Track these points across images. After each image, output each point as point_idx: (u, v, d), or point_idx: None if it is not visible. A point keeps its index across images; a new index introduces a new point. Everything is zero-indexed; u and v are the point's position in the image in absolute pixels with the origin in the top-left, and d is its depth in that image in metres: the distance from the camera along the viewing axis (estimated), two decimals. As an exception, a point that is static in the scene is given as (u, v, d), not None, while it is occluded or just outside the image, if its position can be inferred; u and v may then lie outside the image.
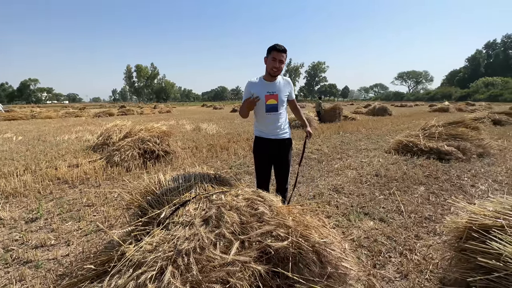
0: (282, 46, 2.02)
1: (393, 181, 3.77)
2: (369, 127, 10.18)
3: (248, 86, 2.14)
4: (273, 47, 2.02)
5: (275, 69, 2.05)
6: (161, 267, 1.18)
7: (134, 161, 4.59)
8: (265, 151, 2.24)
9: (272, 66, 2.03)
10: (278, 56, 2.00)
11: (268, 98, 2.12)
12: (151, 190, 1.97)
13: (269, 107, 2.14)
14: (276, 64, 2.02)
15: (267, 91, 2.11)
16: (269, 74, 2.09)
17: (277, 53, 2.00)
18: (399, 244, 2.20)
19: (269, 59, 2.05)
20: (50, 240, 2.30)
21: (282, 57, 2.02)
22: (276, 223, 1.46)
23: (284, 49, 2.02)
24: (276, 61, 2.02)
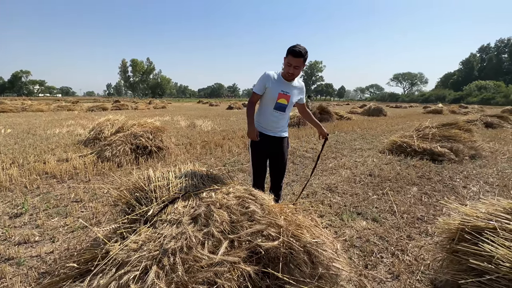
0: (300, 49, 1.88)
1: (387, 181, 3.77)
2: (364, 127, 10.23)
3: (265, 79, 2.07)
4: (291, 50, 1.90)
5: (290, 74, 2.00)
6: (145, 267, 1.13)
7: (125, 156, 4.49)
8: (263, 147, 2.19)
9: (287, 71, 1.98)
10: (294, 61, 1.92)
11: (281, 96, 2.08)
12: (139, 186, 1.91)
13: (278, 106, 2.11)
14: (291, 69, 1.96)
15: (282, 89, 2.07)
16: (285, 78, 2.06)
17: (293, 59, 1.91)
18: (391, 244, 2.19)
19: (285, 62, 1.97)
20: (34, 237, 2.22)
21: (299, 63, 1.93)
22: (267, 222, 1.42)
23: (301, 53, 1.88)
24: (292, 66, 1.94)
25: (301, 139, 7.17)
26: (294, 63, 1.92)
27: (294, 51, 1.88)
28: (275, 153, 2.26)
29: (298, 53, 1.88)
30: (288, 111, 2.21)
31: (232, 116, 15.01)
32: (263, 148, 2.20)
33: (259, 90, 2.09)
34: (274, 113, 2.13)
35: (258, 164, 2.26)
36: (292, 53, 1.89)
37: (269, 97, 2.09)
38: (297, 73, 2.01)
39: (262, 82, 2.07)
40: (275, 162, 2.30)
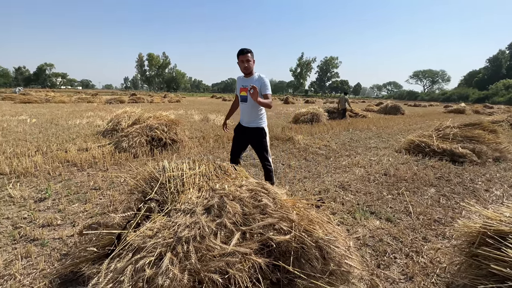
0: (244, 49, 2.43)
1: (402, 181, 3.66)
2: (380, 125, 9.93)
3: (236, 81, 2.74)
4: (239, 52, 2.46)
5: (244, 68, 2.49)
6: (160, 253, 1.17)
7: (141, 147, 4.62)
8: (238, 134, 2.75)
9: (242, 67, 2.50)
10: (242, 57, 2.44)
11: (242, 90, 2.58)
12: (155, 176, 1.96)
13: (242, 98, 2.62)
14: (244, 64, 2.46)
15: (242, 84, 2.59)
16: (243, 73, 2.57)
17: (242, 56, 2.43)
18: (406, 245, 2.14)
19: (238, 62, 2.50)
20: (56, 220, 2.35)
21: (247, 57, 2.43)
22: (279, 216, 1.42)
23: (245, 50, 2.42)
24: (244, 62, 2.45)
25: (314, 136, 7.08)
26: (243, 59, 2.44)
27: (240, 50, 2.45)
28: (251, 141, 2.74)
29: (243, 51, 2.43)
30: (253, 102, 2.49)
31: (245, 111, 15.01)
32: (237, 135, 2.77)
33: (235, 91, 2.73)
34: (242, 105, 2.65)
35: (232, 144, 2.84)
36: (239, 52, 2.45)
37: (237, 94, 2.68)
38: (249, 65, 2.47)
39: (236, 85, 2.70)
40: (254, 149, 2.78)
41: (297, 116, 10.13)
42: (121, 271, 1.13)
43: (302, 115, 9.96)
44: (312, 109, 10.27)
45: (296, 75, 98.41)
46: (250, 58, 2.44)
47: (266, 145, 2.71)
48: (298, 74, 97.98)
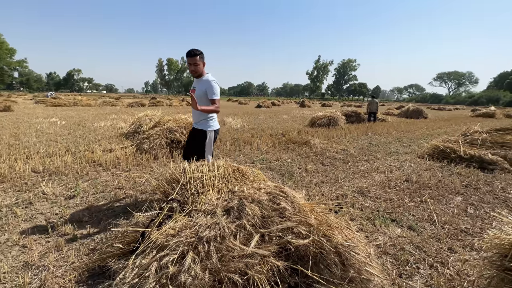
0: (192, 51, 2.37)
1: (426, 188, 3.50)
2: (401, 129, 9.57)
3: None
4: (187, 54, 2.39)
5: (192, 71, 2.49)
6: (182, 252, 1.21)
7: (161, 149, 4.79)
8: (190, 133, 2.82)
9: (190, 70, 2.49)
10: (190, 60, 2.41)
11: (191, 91, 2.51)
12: (176, 177, 2.03)
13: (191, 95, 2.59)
14: (191, 67, 2.45)
15: (193, 86, 2.63)
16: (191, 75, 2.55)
17: (190, 58, 2.39)
18: (430, 255, 2.04)
19: (187, 64, 2.47)
20: (84, 217, 2.50)
21: (195, 60, 2.40)
22: (298, 220, 1.42)
23: (193, 52, 2.38)
24: (191, 65, 2.43)
25: (331, 140, 6.96)
26: (191, 61, 2.41)
27: (188, 52, 2.39)
28: (194, 141, 2.73)
29: (190, 53, 2.38)
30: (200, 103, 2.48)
31: (260, 115, 15.10)
32: (190, 134, 2.83)
33: None
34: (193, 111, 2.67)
35: (186, 143, 2.90)
36: (187, 55, 2.41)
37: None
38: (197, 69, 2.46)
39: None
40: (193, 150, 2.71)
41: (313, 120, 10.02)
42: (146, 267, 1.18)
43: (319, 118, 9.84)
44: (329, 112, 10.12)
45: (313, 78, 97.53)
46: (198, 61, 2.42)
47: (203, 150, 2.66)
48: (314, 77, 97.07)
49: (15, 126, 8.13)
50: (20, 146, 5.25)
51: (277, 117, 14.10)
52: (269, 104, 25.97)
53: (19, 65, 59.87)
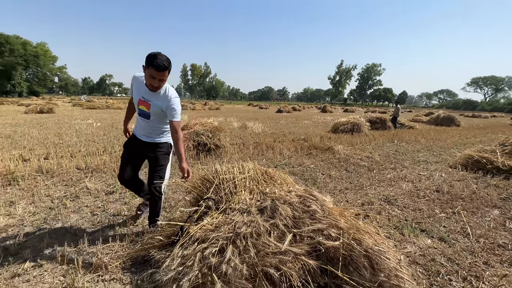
0: (163, 62, 1.72)
1: (458, 200, 3.34)
2: (431, 137, 9.12)
3: (132, 79, 2.01)
4: (152, 63, 1.69)
5: (154, 87, 1.84)
6: (222, 245, 1.33)
7: (189, 151, 5.03)
8: (130, 147, 2.19)
9: (150, 83, 1.80)
10: (158, 75, 1.75)
11: (141, 103, 1.97)
12: (209, 178, 2.17)
13: (141, 112, 2.04)
14: (155, 83, 1.80)
15: (143, 96, 1.94)
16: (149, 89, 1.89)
17: (156, 72, 1.73)
18: (463, 268, 1.98)
19: (146, 72, 1.76)
20: (123, 211, 2.73)
21: (163, 76, 1.78)
22: (328, 223, 1.48)
23: (165, 67, 1.74)
24: (156, 79, 1.77)
25: (355, 147, 6.84)
26: (158, 77, 1.76)
27: (158, 65, 1.70)
28: (148, 157, 2.17)
29: (161, 67, 1.72)
30: (157, 121, 2.06)
31: (281, 120, 15.15)
32: (129, 148, 2.20)
33: (130, 92, 2.10)
34: (140, 119, 2.09)
35: (122, 157, 2.24)
36: (156, 67, 1.70)
37: (134, 102, 2.06)
38: (162, 85, 1.87)
39: (131, 83, 2.04)
40: (150, 164, 2.19)
41: (336, 126, 9.88)
42: (190, 257, 1.31)
43: (342, 124, 9.69)
44: (353, 118, 9.92)
45: (335, 83, 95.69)
46: (166, 76, 1.83)
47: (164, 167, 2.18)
48: (336, 82, 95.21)
49: (58, 126, 8.95)
50: (64, 145, 5.80)
51: (298, 122, 14.06)
52: (290, 109, 25.94)
53: (59, 71, 65.65)
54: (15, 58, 47.00)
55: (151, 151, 2.14)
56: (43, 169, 3.90)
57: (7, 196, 2.96)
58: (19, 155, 4.61)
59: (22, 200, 2.90)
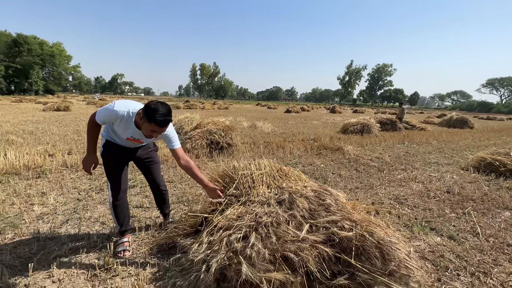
0: (166, 119, 1.58)
1: (469, 201, 3.38)
2: (442, 139, 9.01)
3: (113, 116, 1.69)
4: (154, 120, 1.54)
5: (149, 137, 1.72)
6: (245, 232, 1.46)
7: (202, 149, 5.21)
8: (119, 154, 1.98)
9: (151, 135, 1.67)
10: (160, 130, 1.63)
11: (130, 139, 1.86)
12: (227, 174, 2.32)
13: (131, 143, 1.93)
14: (156, 135, 1.67)
15: (132, 136, 1.80)
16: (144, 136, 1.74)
17: (159, 128, 1.60)
18: (471, 265, 2.05)
19: (146, 125, 1.61)
20: (145, 204, 2.91)
21: (163, 131, 1.66)
22: (342, 215, 1.59)
23: (168, 122, 1.61)
24: (157, 132, 1.65)
25: (364, 147, 6.87)
26: (160, 131, 1.64)
27: (160, 121, 1.56)
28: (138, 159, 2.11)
29: (164, 123, 1.58)
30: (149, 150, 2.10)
31: (290, 120, 15.21)
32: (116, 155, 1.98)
33: (101, 120, 1.75)
34: (128, 141, 1.89)
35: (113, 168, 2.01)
36: (159, 123, 1.57)
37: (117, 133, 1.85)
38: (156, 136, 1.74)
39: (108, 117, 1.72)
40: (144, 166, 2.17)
41: (345, 126, 9.90)
42: (216, 242, 1.46)
43: (352, 125, 9.69)
44: (363, 119, 9.91)
45: (344, 84, 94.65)
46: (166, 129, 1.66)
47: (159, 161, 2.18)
48: (346, 83, 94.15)
49: (75, 124, 9.33)
50: (83, 142, 6.08)
51: (307, 122, 14.10)
52: (298, 109, 25.92)
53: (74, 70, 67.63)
54: (33, 58, 48.80)
55: (144, 151, 2.08)
56: (67, 164, 4.15)
57: (39, 188, 3.20)
58: (44, 150, 4.90)
59: (52, 191, 3.13)
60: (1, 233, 2.19)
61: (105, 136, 1.96)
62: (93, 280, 1.70)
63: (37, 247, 2.02)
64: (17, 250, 1.97)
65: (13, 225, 2.32)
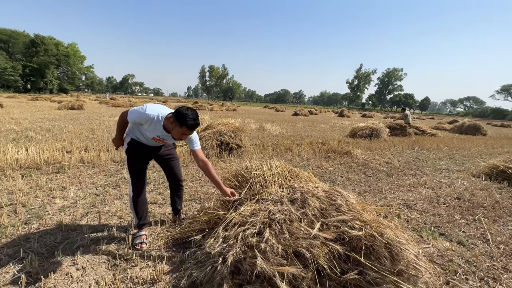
0: (196, 121, 1.79)
1: (480, 208, 3.35)
2: (453, 146, 8.87)
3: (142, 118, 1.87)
4: (186, 124, 1.75)
5: (179, 140, 1.95)
6: (259, 228, 1.54)
7: (212, 149, 5.33)
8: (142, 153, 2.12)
9: (181, 138, 1.89)
10: (190, 133, 1.85)
11: (155, 139, 2.01)
12: (240, 173, 2.40)
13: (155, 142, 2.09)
14: (184, 137, 1.90)
15: (158, 135, 1.97)
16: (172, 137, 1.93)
17: (188, 130, 1.81)
18: (480, 270, 2.06)
19: (177, 129, 1.81)
20: (159, 200, 3.02)
21: (192, 133, 1.92)
22: (352, 215, 1.65)
23: (197, 125, 1.82)
24: (186, 136, 1.88)
25: (373, 152, 6.84)
26: (189, 134, 1.86)
27: (191, 125, 1.77)
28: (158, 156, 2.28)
29: (194, 126, 1.80)
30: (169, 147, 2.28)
31: (298, 123, 15.23)
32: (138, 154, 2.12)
33: (132, 121, 1.94)
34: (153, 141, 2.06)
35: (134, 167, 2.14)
36: (190, 127, 1.78)
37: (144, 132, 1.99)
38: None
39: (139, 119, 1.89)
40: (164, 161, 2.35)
41: (354, 130, 9.86)
42: (232, 236, 1.54)
43: (360, 129, 9.65)
44: (372, 123, 9.85)
45: (353, 87, 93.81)
46: None
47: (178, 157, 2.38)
48: (355, 86, 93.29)
49: (89, 122, 9.63)
50: (98, 139, 6.30)
51: (315, 125, 14.09)
52: (306, 113, 25.89)
53: (87, 70, 69.49)
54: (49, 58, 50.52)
55: (165, 149, 2.25)
56: (84, 160, 4.33)
57: (59, 182, 3.36)
58: (62, 147, 5.11)
59: (71, 186, 3.29)
60: (27, 223, 2.33)
61: (130, 135, 2.09)
62: (114, 269, 1.81)
63: (61, 237, 2.15)
64: (43, 239, 2.11)
65: (37, 216, 2.46)
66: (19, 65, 46.09)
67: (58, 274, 1.73)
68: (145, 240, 2.11)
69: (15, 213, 2.50)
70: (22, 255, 1.88)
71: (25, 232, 2.19)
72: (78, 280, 1.69)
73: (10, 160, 3.89)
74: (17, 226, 2.26)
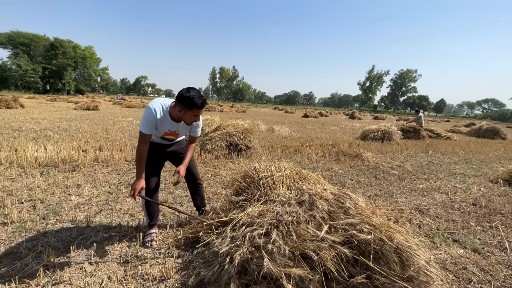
0: (203, 99, 1.84)
1: (497, 214, 3.22)
2: (470, 150, 8.55)
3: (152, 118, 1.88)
4: (195, 104, 1.79)
5: (191, 123, 1.98)
6: (267, 229, 1.55)
7: (222, 150, 5.38)
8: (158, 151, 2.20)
9: (193, 120, 1.93)
10: (200, 112, 1.88)
11: (168, 134, 2.08)
12: (248, 174, 2.42)
13: (166, 139, 2.15)
14: (197, 118, 1.94)
15: (169, 129, 2.02)
16: (185, 123, 1.99)
17: (199, 110, 1.85)
18: (497, 279, 1.98)
19: (188, 113, 1.85)
20: (169, 199, 3.09)
21: (202, 112, 1.93)
22: (361, 219, 1.63)
23: (205, 102, 1.87)
24: (198, 116, 1.92)
25: (384, 155, 6.70)
26: (199, 113, 1.91)
27: (200, 104, 1.81)
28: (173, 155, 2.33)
29: (203, 104, 1.84)
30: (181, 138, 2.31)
31: (308, 124, 15.12)
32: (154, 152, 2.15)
33: (148, 130, 1.91)
34: (162, 139, 2.14)
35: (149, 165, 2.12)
36: (200, 106, 1.82)
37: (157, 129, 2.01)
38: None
39: (149, 122, 1.89)
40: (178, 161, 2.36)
41: (365, 133, 9.69)
42: (239, 237, 1.55)
43: (372, 132, 9.48)
44: (384, 126, 9.65)
45: (365, 89, 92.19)
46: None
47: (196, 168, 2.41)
48: (366, 88, 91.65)
49: (104, 122, 9.94)
50: (111, 139, 6.49)
51: (325, 127, 13.95)
52: (316, 114, 25.66)
53: (102, 72, 71.77)
54: (67, 60, 52.55)
55: (180, 148, 2.31)
56: (98, 159, 4.48)
57: (75, 180, 3.49)
58: (77, 146, 5.31)
59: (86, 183, 3.41)
60: (45, 219, 2.44)
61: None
62: (125, 265, 1.86)
63: (76, 232, 2.23)
64: (59, 234, 2.20)
65: (54, 212, 2.57)
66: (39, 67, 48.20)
67: (73, 268, 1.80)
68: (155, 238, 2.17)
69: (34, 209, 2.62)
70: (40, 249, 1.97)
71: (43, 227, 2.30)
72: (91, 275, 1.75)
73: (30, 158, 4.08)
74: (36, 221, 2.37)
